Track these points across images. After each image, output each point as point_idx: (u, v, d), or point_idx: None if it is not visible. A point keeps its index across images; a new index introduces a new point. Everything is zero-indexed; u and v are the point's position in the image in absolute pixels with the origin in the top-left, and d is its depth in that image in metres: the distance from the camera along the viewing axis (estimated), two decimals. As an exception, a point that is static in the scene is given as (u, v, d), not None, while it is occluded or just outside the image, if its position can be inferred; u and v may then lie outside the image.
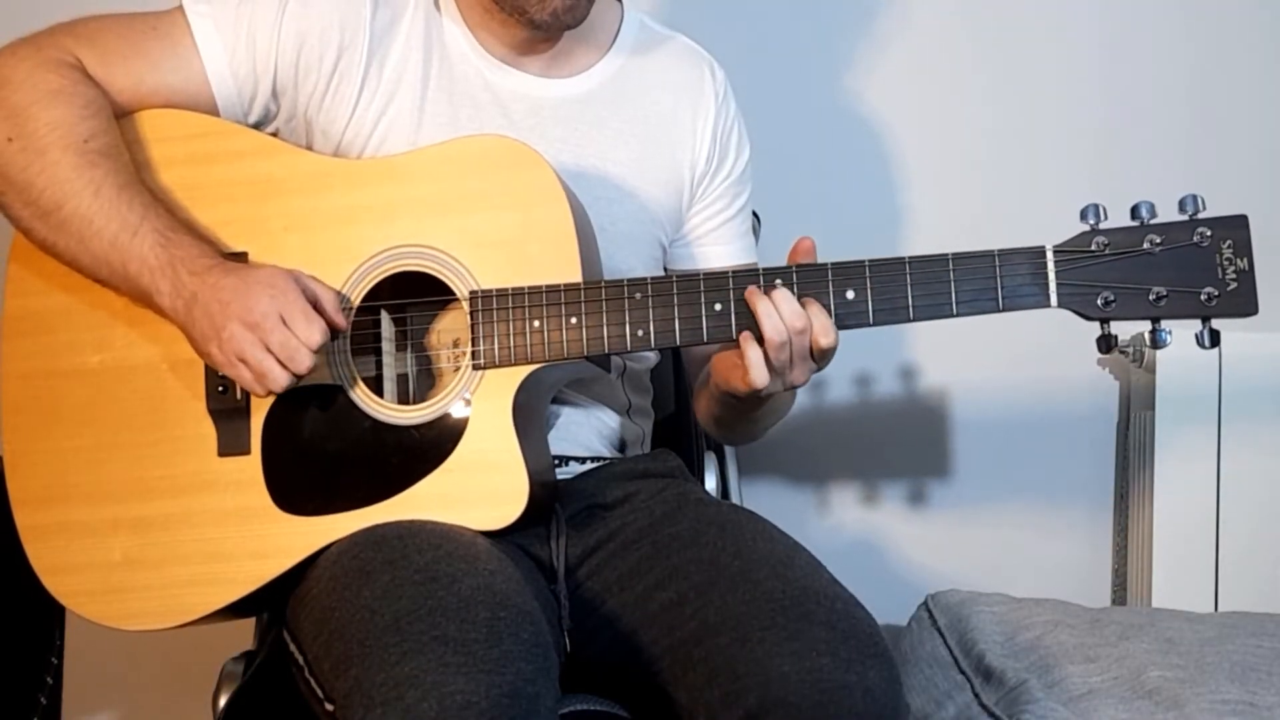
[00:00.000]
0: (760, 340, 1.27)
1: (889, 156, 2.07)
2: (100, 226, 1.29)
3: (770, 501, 2.07)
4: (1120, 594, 2.08)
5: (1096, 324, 1.28)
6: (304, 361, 1.25)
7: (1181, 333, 1.29)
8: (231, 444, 1.32)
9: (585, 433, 1.45)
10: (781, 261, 1.31)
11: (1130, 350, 1.97)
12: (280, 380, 1.25)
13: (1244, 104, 2.05)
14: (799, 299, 1.27)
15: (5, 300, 1.39)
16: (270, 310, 1.24)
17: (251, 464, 1.31)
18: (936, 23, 2.06)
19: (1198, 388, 1.93)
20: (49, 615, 1.58)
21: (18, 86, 1.33)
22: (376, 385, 1.33)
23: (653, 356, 1.56)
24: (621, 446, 1.50)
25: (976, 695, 1.57)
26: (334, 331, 1.29)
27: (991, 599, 1.73)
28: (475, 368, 1.30)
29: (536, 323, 1.30)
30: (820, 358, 1.29)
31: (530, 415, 1.33)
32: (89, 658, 1.78)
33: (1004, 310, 1.27)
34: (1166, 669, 1.50)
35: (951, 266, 1.27)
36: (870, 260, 1.28)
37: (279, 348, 1.24)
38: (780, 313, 1.27)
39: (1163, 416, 1.94)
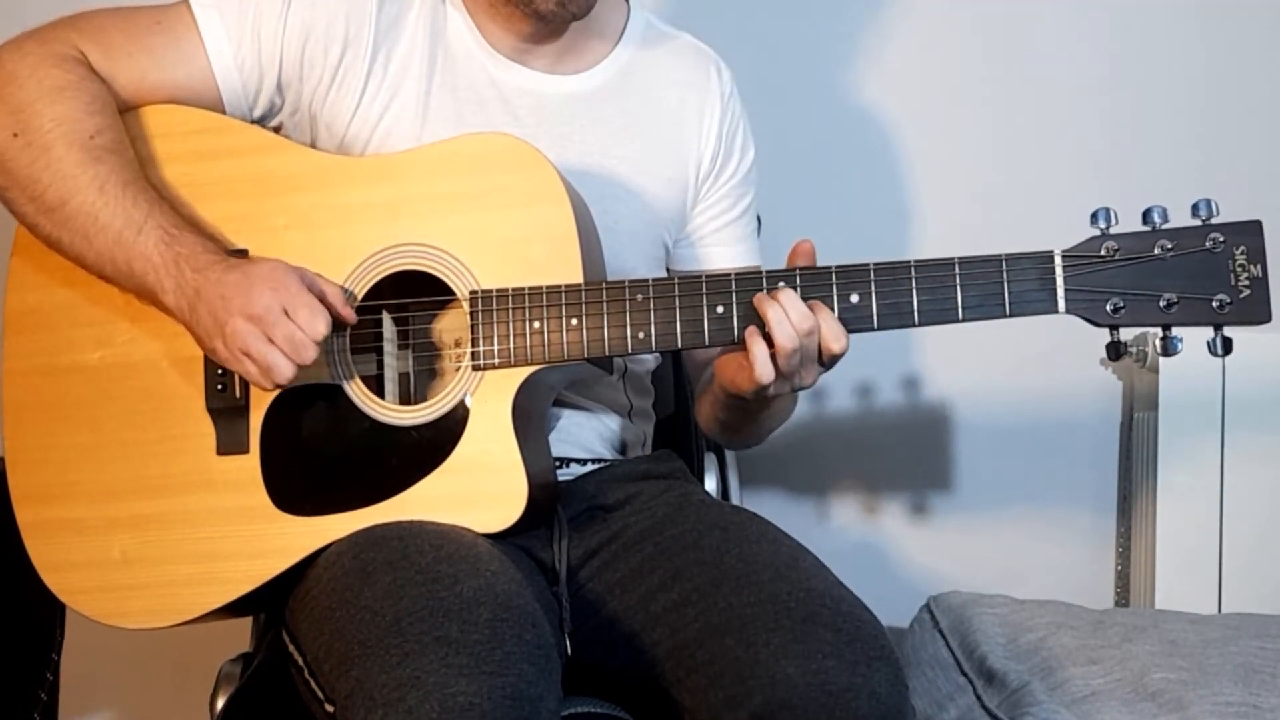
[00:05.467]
0: (770, 344, 1.26)
1: (894, 158, 2.06)
2: (105, 223, 1.29)
3: (771, 502, 2.07)
4: (1123, 596, 2.07)
5: (1105, 330, 1.26)
6: (309, 352, 1.24)
7: (1188, 336, 1.27)
8: (230, 443, 1.31)
9: (586, 434, 1.45)
10: (782, 263, 1.30)
11: (1134, 350, 1.96)
12: (286, 372, 1.24)
13: (1259, 106, 2.04)
14: (805, 302, 1.26)
15: (7, 296, 1.39)
16: (273, 303, 1.24)
17: (250, 463, 1.31)
18: (943, 22, 2.05)
19: (1201, 389, 1.92)
20: (50, 611, 1.57)
21: (23, 82, 1.32)
22: (377, 385, 1.32)
23: (653, 358, 1.55)
24: (622, 448, 1.49)
25: (979, 697, 1.56)
26: (342, 325, 1.28)
27: (994, 601, 1.73)
28: (475, 368, 1.29)
29: (537, 324, 1.29)
30: (829, 361, 1.29)
31: (530, 417, 1.32)
32: (86, 656, 1.77)
33: (1011, 316, 1.26)
34: (1170, 671, 1.50)
35: (958, 271, 1.26)
36: (875, 263, 1.27)
37: (283, 340, 1.24)
38: (790, 318, 1.25)
39: (1166, 417, 1.93)
